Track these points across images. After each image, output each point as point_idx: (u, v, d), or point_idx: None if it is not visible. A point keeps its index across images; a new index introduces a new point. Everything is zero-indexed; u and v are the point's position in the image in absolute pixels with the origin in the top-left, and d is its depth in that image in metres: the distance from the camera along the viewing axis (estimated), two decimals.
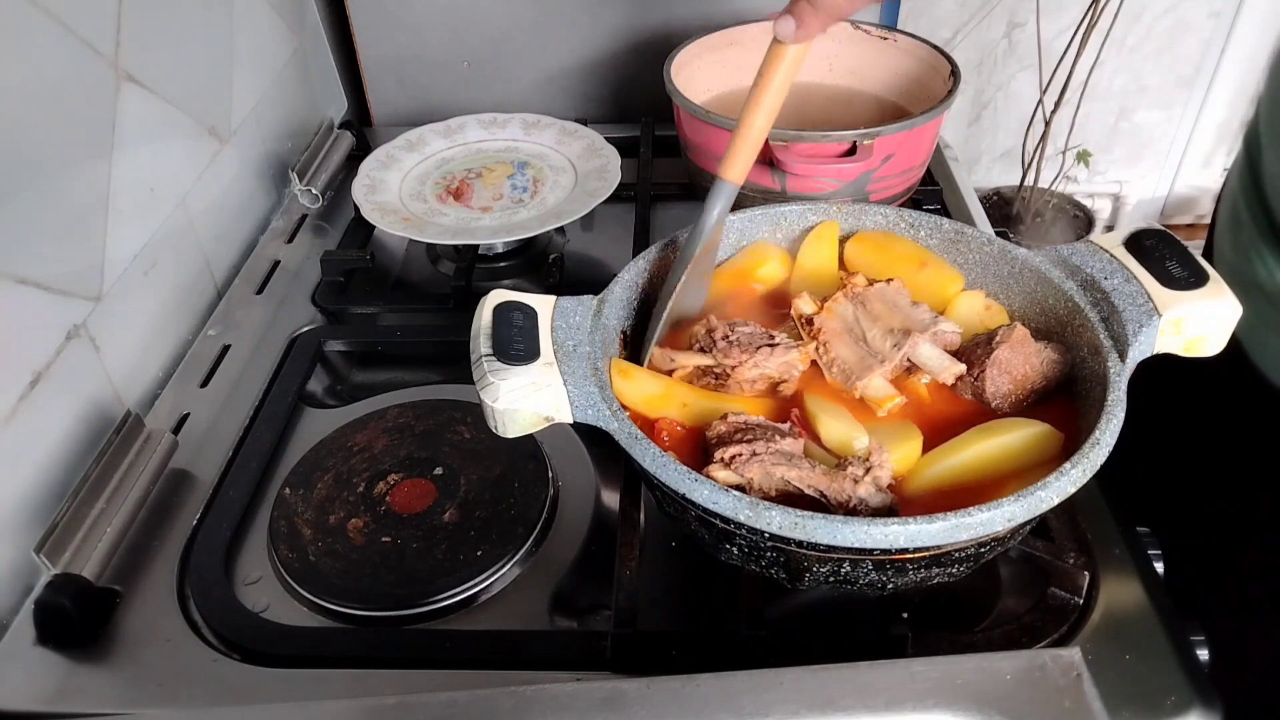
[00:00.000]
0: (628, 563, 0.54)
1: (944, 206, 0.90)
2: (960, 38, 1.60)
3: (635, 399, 0.54)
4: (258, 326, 0.78)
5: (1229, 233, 0.68)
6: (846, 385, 0.55)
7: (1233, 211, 0.68)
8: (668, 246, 0.61)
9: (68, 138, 0.63)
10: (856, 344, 0.56)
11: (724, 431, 0.50)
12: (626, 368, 0.55)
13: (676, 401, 0.54)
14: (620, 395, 0.52)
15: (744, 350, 0.55)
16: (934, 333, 0.56)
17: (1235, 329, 0.53)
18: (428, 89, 1.13)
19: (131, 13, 0.69)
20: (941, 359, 0.55)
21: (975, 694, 0.39)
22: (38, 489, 0.59)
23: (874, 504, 0.47)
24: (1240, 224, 0.66)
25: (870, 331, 0.56)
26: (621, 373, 0.54)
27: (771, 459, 0.48)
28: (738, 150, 0.56)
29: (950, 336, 0.57)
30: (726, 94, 0.94)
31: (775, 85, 0.53)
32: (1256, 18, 1.62)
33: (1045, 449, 0.50)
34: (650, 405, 0.54)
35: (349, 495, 0.61)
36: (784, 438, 0.50)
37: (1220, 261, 0.69)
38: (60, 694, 0.51)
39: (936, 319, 0.56)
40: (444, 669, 0.51)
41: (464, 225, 0.84)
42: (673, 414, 0.54)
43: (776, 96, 0.54)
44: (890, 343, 0.55)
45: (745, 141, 0.55)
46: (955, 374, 0.55)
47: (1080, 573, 0.53)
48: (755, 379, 0.55)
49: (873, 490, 0.47)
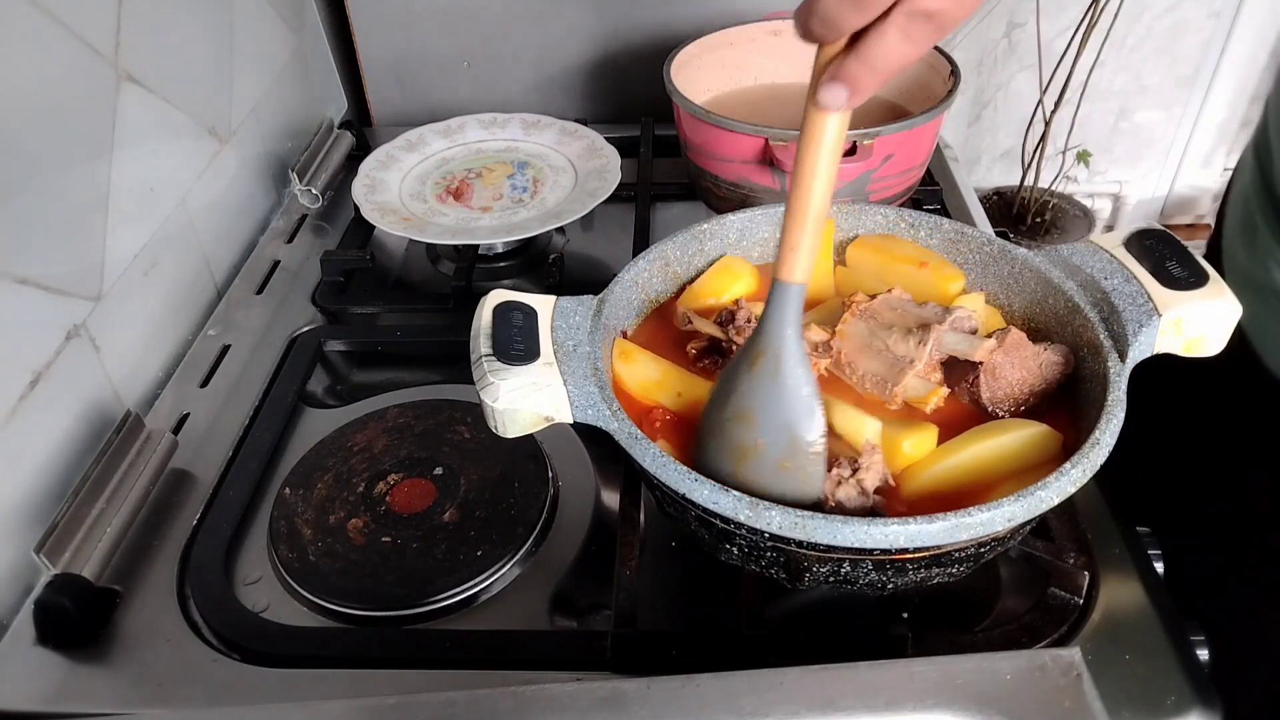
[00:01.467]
0: (628, 563, 0.54)
1: (944, 206, 0.90)
2: (960, 38, 1.60)
3: (632, 383, 0.54)
4: (258, 326, 0.78)
5: (1242, 238, 0.67)
6: (884, 395, 0.54)
7: (1245, 216, 0.67)
8: (666, 248, 0.61)
9: (68, 138, 0.63)
10: (880, 354, 0.55)
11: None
12: (629, 350, 0.55)
13: (671, 390, 0.54)
14: (618, 377, 0.53)
15: None
16: (951, 321, 0.55)
17: (1247, 330, 0.53)
18: (428, 89, 1.13)
19: (131, 13, 0.69)
20: (969, 340, 0.54)
21: (975, 694, 0.39)
22: (38, 489, 0.59)
23: (851, 507, 0.47)
24: (1255, 229, 0.65)
25: (890, 339, 0.55)
26: (623, 355, 0.54)
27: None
28: (798, 244, 0.44)
29: (967, 321, 0.56)
30: (726, 94, 0.94)
31: (827, 156, 0.43)
32: (1256, 18, 1.62)
33: (1045, 449, 0.50)
34: (645, 391, 0.54)
35: (349, 495, 0.61)
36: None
37: (1232, 267, 0.68)
38: (60, 694, 0.51)
39: (948, 310, 0.56)
40: (444, 669, 0.51)
41: (464, 225, 0.84)
42: (666, 402, 0.54)
43: (830, 168, 0.43)
44: (914, 341, 0.55)
45: (803, 232, 0.44)
46: (988, 349, 0.53)
47: (1080, 573, 0.53)
48: None
49: (854, 494, 0.47)
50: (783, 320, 0.46)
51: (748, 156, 0.78)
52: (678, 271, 0.63)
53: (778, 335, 0.46)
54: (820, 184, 0.43)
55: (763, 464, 0.46)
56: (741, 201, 0.82)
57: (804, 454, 0.46)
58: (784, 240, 0.45)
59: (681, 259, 0.63)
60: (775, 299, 0.46)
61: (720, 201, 0.85)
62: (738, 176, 0.81)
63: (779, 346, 0.46)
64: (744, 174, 0.80)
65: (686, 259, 0.63)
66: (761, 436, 0.46)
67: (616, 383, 0.55)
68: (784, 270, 0.45)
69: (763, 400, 0.47)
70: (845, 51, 0.39)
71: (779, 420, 0.46)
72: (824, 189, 0.43)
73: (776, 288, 0.46)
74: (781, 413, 0.46)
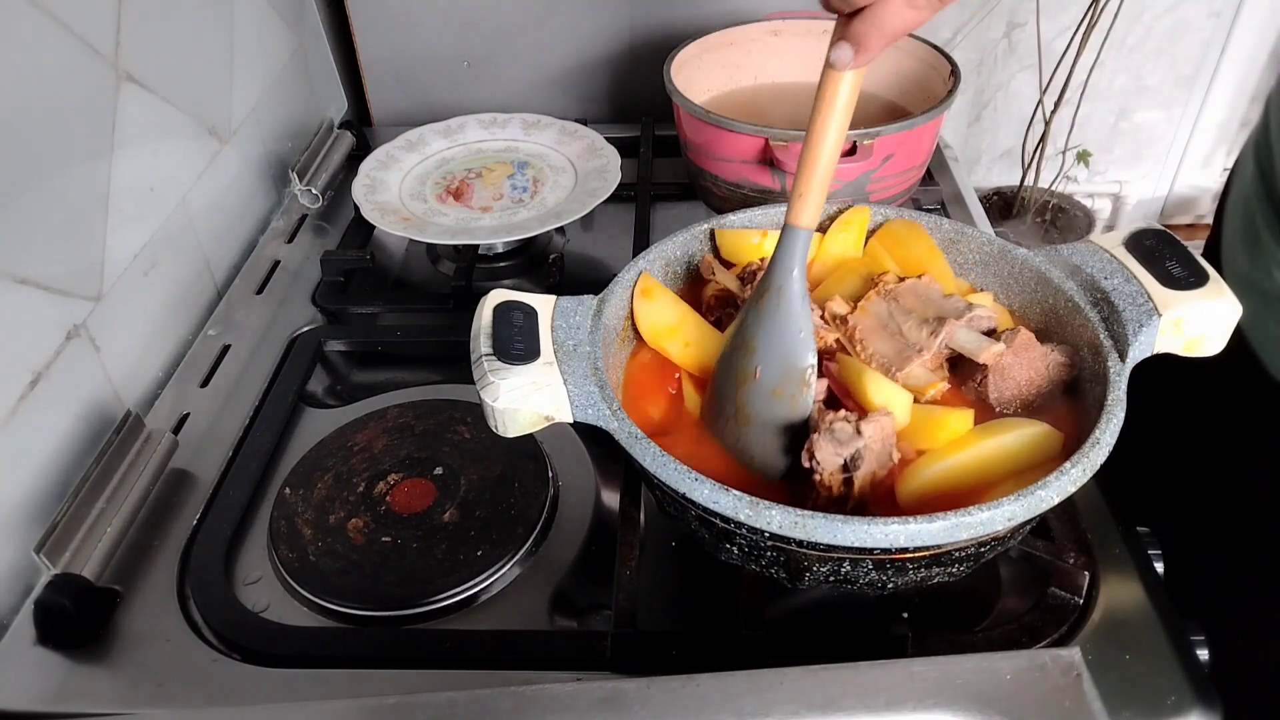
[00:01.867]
0: (628, 563, 0.54)
1: (944, 206, 0.90)
2: (960, 38, 1.60)
3: (647, 322, 0.56)
4: (258, 326, 0.78)
5: (1243, 245, 0.67)
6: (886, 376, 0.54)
7: (1245, 220, 0.67)
8: (667, 248, 0.61)
9: (68, 138, 0.63)
10: (893, 337, 0.56)
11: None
12: (652, 287, 0.57)
13: (681, 339, 0.56)
14: (635, 314, 0.56)
15: None
16: (969, 318, 0.55)
17: (1247, 333, 0.53)
18: (428, 89, 1.13)
19: (131, 13, 0.69)
20: (980, 340, 0.54)
21: (975, 694, 0.39)
22: (38, 489, 0.59)
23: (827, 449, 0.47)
24: (1256, 234, 0.65)
25: (905, 324, 0.56)
26: (644, 292, 0.57)
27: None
28: (806, 191, 0.48)
29: (985, 321, 0.56)
30: (726, 94, 0.94)
31: (838, 114, 0.46)
32: (1256, 18, 1.62)
33: (1045, 449, 0.50)
34: (655, 335, 0.56)
35: (349, 495, 0.61)
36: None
37: (1233, 273, 0.67)
38: (60, 694, 0.51)
39: (970, 306, 0.56)
40: (444, 669, 0.51)
41: (464, 225, 0.84)
42: (673, 349, 0.56)
43: (840, 125, 0.47)
44: (926, 331, 0.55)
45: (811, 182, 0.48)
46: (995, 353, 0.53)
47: (1080, 573, 0.53)
48: None
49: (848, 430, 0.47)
50: (790, 261, 0.50)
51: (748, 156, 0.78)
52: (677, 271, 0.63)
53: (784, 274, 0.50)
54: (830, 139, 0.47)
55: (759, 390, 0.51)
56: (742, 201, 0.82)
57: (796, 381, 0.50)
58: (795, 188, 0.49)
59: (681, 259, 0.63)
60: (784, 241, 0.50)
61: (720, 201, 0.85)
62: (738, 176, 0.81)
63: (783, 284, 0.50)
64: (744, 174, 0.80)
65: (686, 259, 0.63)
66: (759, 364, 0.51)
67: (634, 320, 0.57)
68: (793, 215, 0.49)
69: (764, 332, 0.51)
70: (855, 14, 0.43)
71: (777, 351, 0.50)
72: (834, 143, 0.47)
73: (786, 231, 0.50)
74: (779, 344, 0.50)
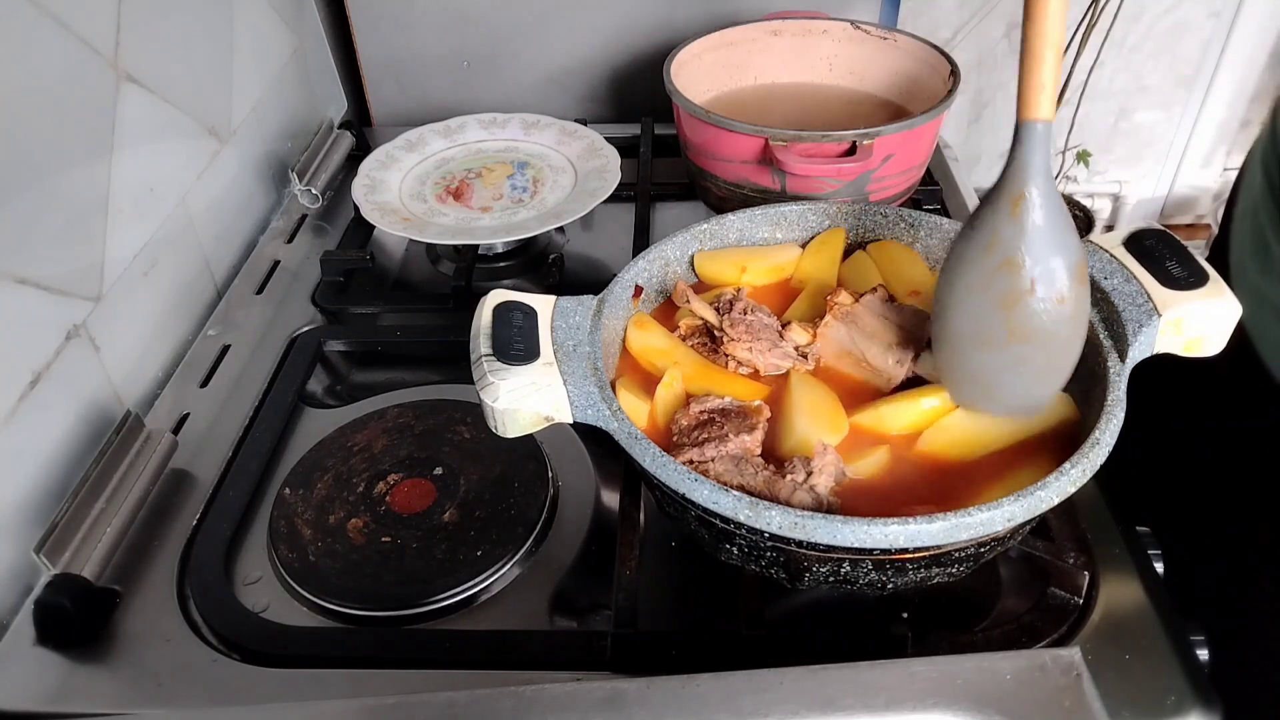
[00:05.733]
0: (628, 563, 0.54)
1: (944, 206, 0.90)
2: (960, 38, 1.60)
3: (639, 346, 0.57)
4: (258, 326, 0.78)
5: (1253, 257, 0.66)
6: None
7: (1255, 234, 0.66)
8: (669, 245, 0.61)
9: (68, 138, 0.63)
10: (859, 365, 0.56)
11: (685, 426, 0.52)
12: (645, 320, 0.58)
13: (672, 363, 0.56)
14: (628, 341, 0.57)
15: (748, 331, 0.56)
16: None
17: (1256, 344, 0.52)
18: (428, 89, 1.13)
19: (131, 13, 0.69)
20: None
21: (975, 694, 0.39)
22: (38, 489, 0.59)
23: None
24: (1267, 248, 0.65)
25: (869, 351, 0.56)
26: (638, 324, 0.58)
27: (720, 464, 0.49)
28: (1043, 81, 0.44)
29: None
30: (726, 94, 0.94)
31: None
32: (1256, 18, 1.62)
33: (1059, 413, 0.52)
34: (646, 356, 0.57)
35: (349, 495, 0.61)
36: (740, 433, 0.50)
37: (1242, 284, 0.66)
38: (60, 694, 0.51)
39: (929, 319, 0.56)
40: (444, 669, 0.51)
41: (464, 225, 0.84)
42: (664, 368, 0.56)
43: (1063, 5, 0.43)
44: (892, 359, 0.55)
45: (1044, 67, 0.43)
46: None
47: (1080, 573, 0.53)
48: (744, 361, 0.56)
49: (807, 499, 0.47)
50: (1035, 160, 0.45)
51: (748, 156, 0.78)
52: (677, 271, 0.63)
53: (1037, 174, 0.45)
54: (1056, 16, 0.43)
55: (1039, 303, 0.47)
56: (742, 201, 0.82)
57: (1076, 279, 0.46)
58: (1028, 80, 0.44)
59: (681, 259, 0.63)
60: (1026, 139, 0.45)
61: (720, 201, 0.85)
62: (738, 176, 0.81)
63: (1040, 186, 0.45)
64: (744, 174, 0.80)
65: (686, 259, 0.63)
66: (1034, 275, 0.46)
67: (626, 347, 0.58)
68: (1030, 109, 0.44)
69: (1029, 242, 0.46)
70: None
71: (1050, 259, 0.46)
72: (1061, 21, 0.43)
73: (1025, 128, 0.45)
74: (1051, 249, 0.46)
